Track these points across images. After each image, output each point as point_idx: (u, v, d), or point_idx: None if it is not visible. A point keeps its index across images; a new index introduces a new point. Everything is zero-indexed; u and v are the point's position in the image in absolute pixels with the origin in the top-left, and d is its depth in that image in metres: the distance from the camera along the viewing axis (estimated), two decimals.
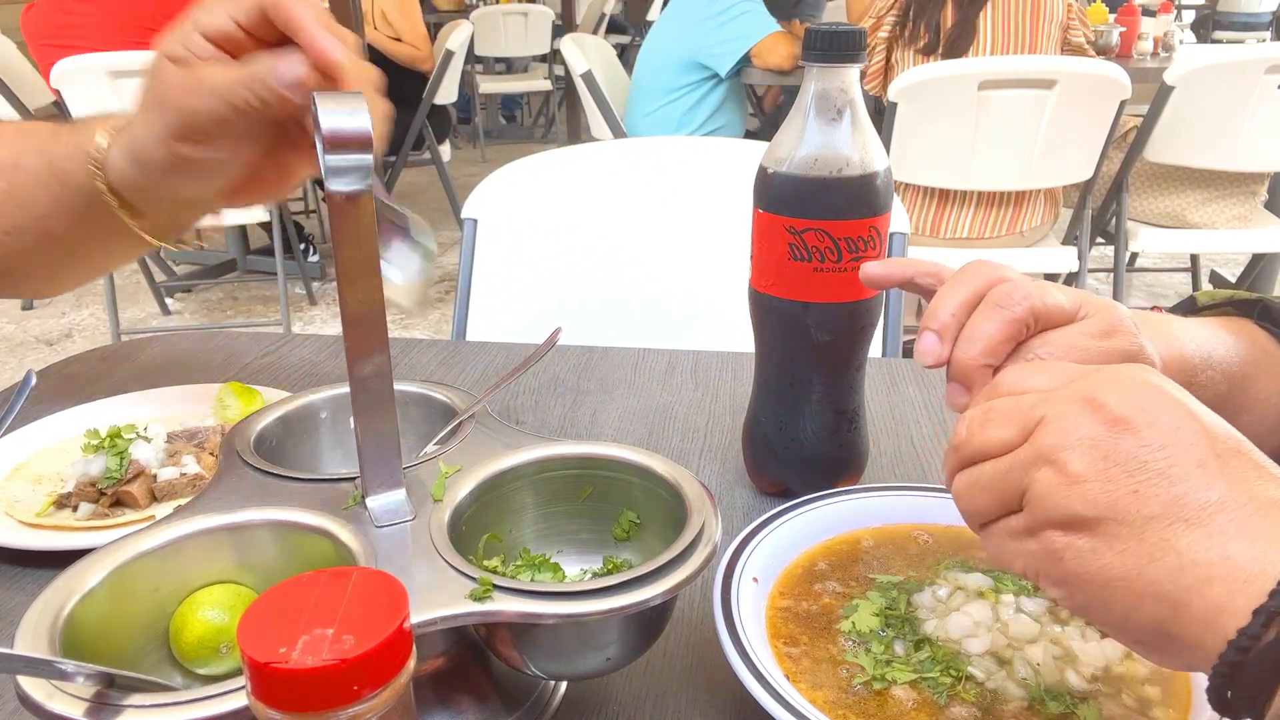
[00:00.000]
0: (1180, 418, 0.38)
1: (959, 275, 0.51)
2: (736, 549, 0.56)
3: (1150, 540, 0.36)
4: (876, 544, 0.60)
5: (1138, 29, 3.18)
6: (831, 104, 0.62)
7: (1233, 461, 0.37)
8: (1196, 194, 2.58)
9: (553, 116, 7.04)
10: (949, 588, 0.55)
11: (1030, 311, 0.47)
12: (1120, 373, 0.40)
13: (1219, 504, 0.36)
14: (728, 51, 2.93)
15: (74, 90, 2.72)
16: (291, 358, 0.96)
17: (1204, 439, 0.37)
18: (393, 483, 0.50)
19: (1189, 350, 0.56)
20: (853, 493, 0.63)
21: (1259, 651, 0.33)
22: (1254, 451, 0.38)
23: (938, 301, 0.50)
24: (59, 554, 0.60)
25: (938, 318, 0.49)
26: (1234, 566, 0.34)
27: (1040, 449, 0.38)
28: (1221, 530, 0.35)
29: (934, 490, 0.63)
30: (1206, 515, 0.35)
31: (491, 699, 0.50)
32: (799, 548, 0.59)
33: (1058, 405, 0.39)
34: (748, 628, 0.49)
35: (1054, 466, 0.38)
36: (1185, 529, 0.35)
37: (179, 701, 0.37)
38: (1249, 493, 0.36)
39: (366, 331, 0.47)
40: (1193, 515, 0.35)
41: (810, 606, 0.54)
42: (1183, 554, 0.35)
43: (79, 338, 3.47)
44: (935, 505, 0.62)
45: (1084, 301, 0.49)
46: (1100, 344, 0.48)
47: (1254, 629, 0.33)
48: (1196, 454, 0.37)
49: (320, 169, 0.44)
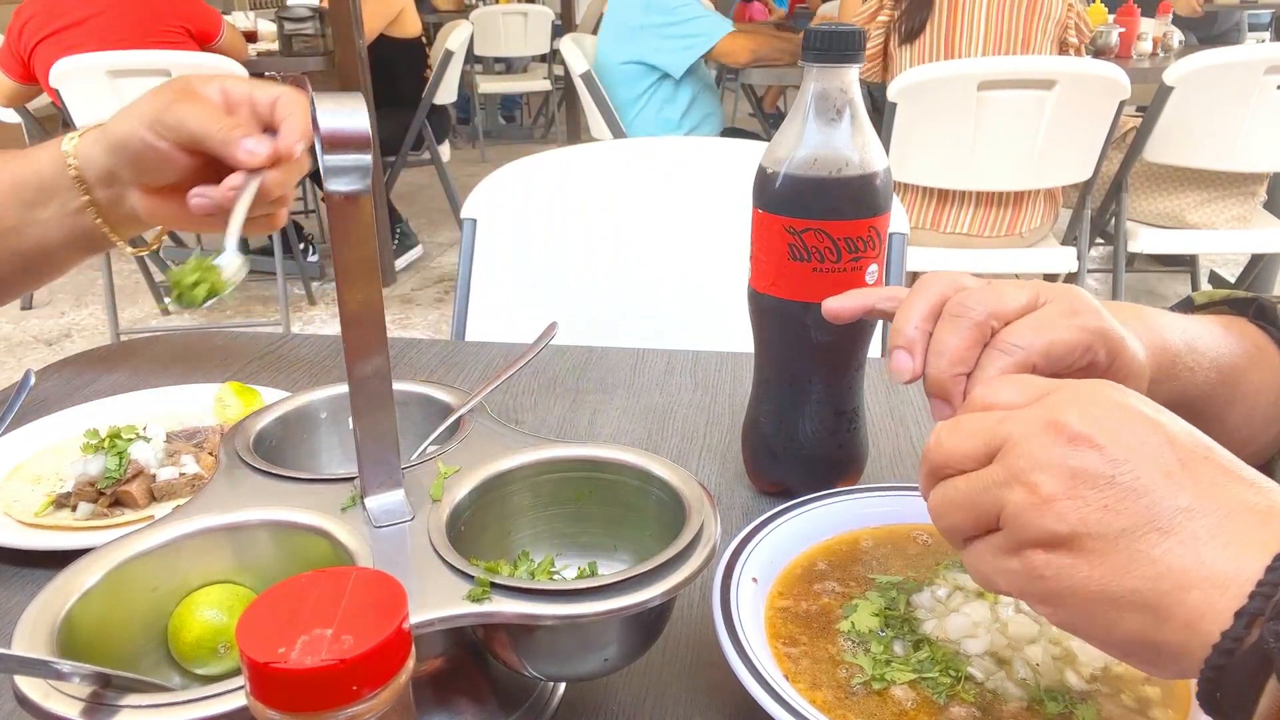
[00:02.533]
0: (1144, 429, 0.38)
1: (916, 289, 0.52)
2: (736, 549, 0.56)
3: (1125, 551, 0.36)
4: (876, 544, 0.60)
5: (1137, 29, 3.18)
6: (831, 104, 0.62)
7: (1200, 468, 0.37)
8: (1196, 194, 2.58)
9: (552, 116, 7.04)
10: (948, 588, 0.55)
11: (989, 314, 0.48)
12: (1081, 390, 0.41)
13: (1189, 510, 0.36)
14: (683, 54, 2.96)
15: (73, 90, 2.73)
16: (291, 358, 0.96)
17: (1169, 448, 0.38)
18: (391, 483, 0.50)
19: (1171, 337, 0.56)
20: (852, 493, 0.63)
21: (1242, 653, 0.33)
22: (1223, 455, 0.38)
23: (900, 318, 0.51)
24: (58, 554, 0.60)
25: (903, 334, 0.50)
26: (1210, 571, 0.35)
27: (1011, 470, 0.39)
28: (1195, 536, 0.35)
29: None
30: (1178, 523, 0.36)
31: (490, 700, 0.50)
32: (798, 548, 0.59)
33: (1023, 426, 0.40)
34: (747, 628, 0.49)
35: (1026, 488, 0.38)
36: (1159, 538, 0.36)
37: (177, 702, 0.37)
38: (1219, 497, 0.36)
39: (366, 331, 0.47)
40: (1165, 524, 0.36)
41: (809, 606, 0.54)
42: (1158, 562, 0.36)
43: (78, 337, 3.47)
44: None
45: (1040, 290, 0.50)
46: (1070, 321, 0.48)
47: (1236, 631, 0.33)
48: (1163, 463, 0.37)
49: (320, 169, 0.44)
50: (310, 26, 3.46)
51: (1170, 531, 0.36)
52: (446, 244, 4.52)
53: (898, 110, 2.28)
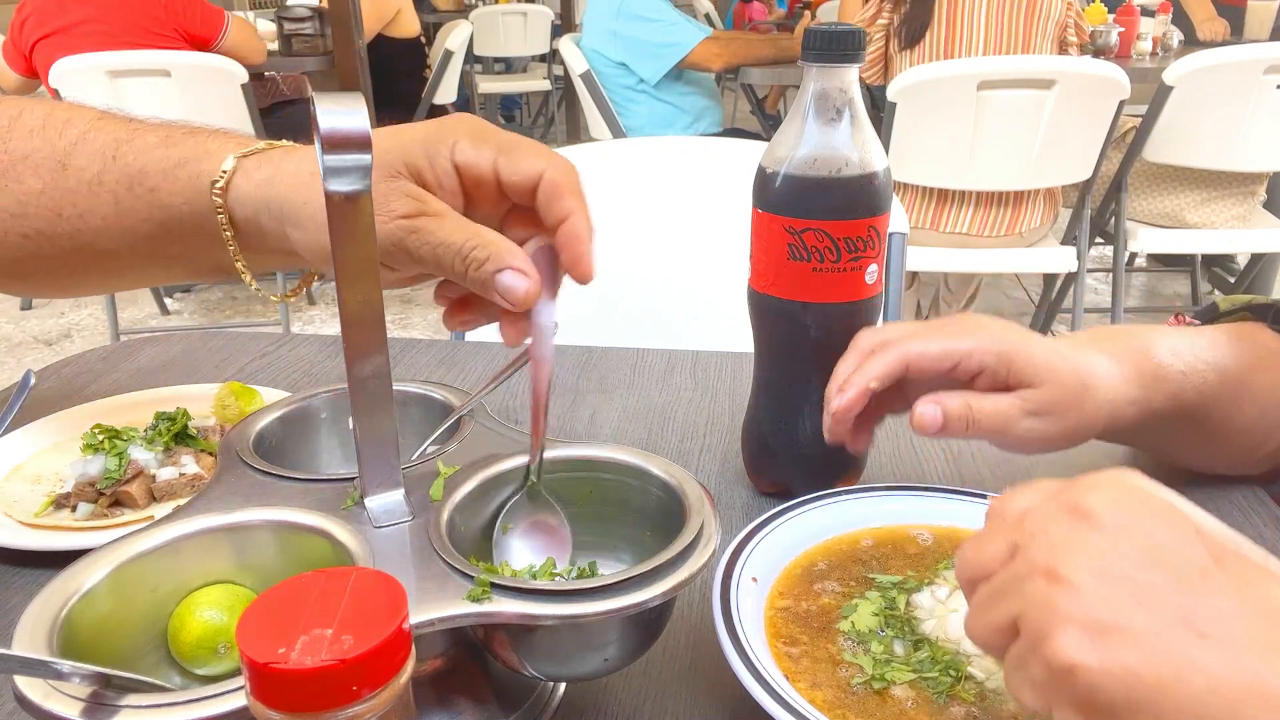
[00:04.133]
0: (1172, 521, 0.35)
1: (848, 350, 0.61)
2: (736, 549, 0.56)
3: (1167, 653, 0.32)
4: (876, 544, 0.60)
5: (1136, 29, 3.18)
6: (830, 104, 0.62)
7: (1235, 565, 0.34)
8: (1195, 194, 2.58)
9: (552, 116, 7.04)
10: (948, 588, 0.55)
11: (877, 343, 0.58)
12: (1100, 478, 0.38)
13: (1234, 615, 0.33)
14: (654, 62, 2.95)
15: (74, 90, 2.73)
16: (291, 358, 0.96)
17: (1201, 543, 0.35)
18: (391, 483, 0.50)
19: (1156, 349, 0.59)
20: (853, 493, 0.63)
21: None
22: (1252, 550, 0.36)
23: (834, 374, 0.60)
24: (58, 554, 0.60)
25: (835, 380, 0.60)
26: (1266, 688, 0.31)
27: (1032, 562, 0.36)
28: (1245, 646, 0.32)
29: (934, 490, 0.63)
30: (1223, 629, 0.33)
31: (490, 700, 0.50)
32: (798, 548, 0.59)
33: (1042, 517, 0.37)
34: (747, 628, 0.49)
35: (1047, 576, 0.35)
36: (1205, 646, 0.32)
37: (177, 702, 0.37)
38: (1260, 599, 0.33)
39: (365, 332, 0.47)
40: (1208, 628, 0.33)
41: (810, 606, 0.54)
42: (1208, 672, 0.32)
43: (78, 338, 3.47)
44: (935, 505, 0.62)
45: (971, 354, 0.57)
46: (947, 334, 0.56)
47: None
48: (1197, 560, 0.34)
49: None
50: (310, 26, 3.46)
51: (1216, 638, 0.32)
52: None
53: (898, 110, 2.28)
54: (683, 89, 3.07)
